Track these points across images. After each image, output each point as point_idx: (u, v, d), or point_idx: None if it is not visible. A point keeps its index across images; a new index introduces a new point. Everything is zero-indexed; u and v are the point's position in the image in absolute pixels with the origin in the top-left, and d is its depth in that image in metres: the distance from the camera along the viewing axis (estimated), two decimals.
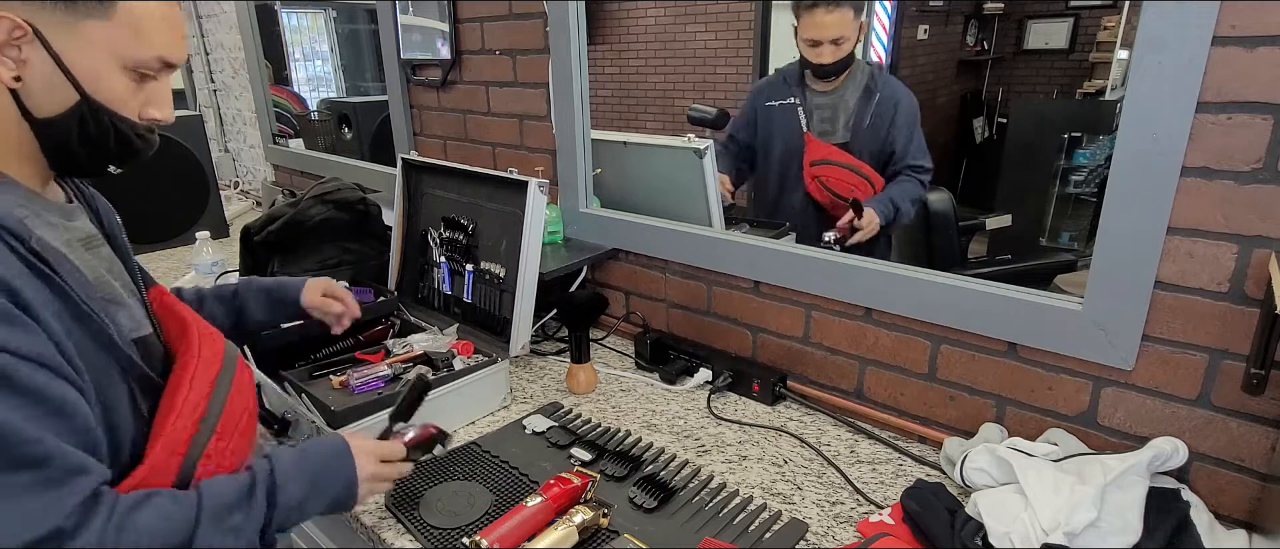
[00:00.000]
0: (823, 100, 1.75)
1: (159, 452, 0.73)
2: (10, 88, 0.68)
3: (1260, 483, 0.94)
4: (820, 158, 1.74)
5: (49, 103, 0.70)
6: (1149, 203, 0.91)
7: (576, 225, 1.68)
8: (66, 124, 0.72)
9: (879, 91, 1.70)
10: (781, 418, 1.29)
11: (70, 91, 0.70)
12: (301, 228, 1.60)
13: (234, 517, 0.72)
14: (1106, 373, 1.03)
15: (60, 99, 0.70)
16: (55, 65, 0.69)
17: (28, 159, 0.73)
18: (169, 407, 0.76)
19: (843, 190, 1.73)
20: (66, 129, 0.72)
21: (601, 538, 0.96)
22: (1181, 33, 0.85)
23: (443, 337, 1.43)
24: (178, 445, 0.74)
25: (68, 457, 0.63)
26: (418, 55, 2.00)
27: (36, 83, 0.69)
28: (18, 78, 0.68)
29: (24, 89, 0.69)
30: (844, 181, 1.73)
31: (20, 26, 0.66)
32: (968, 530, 0.91)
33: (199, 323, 0.85)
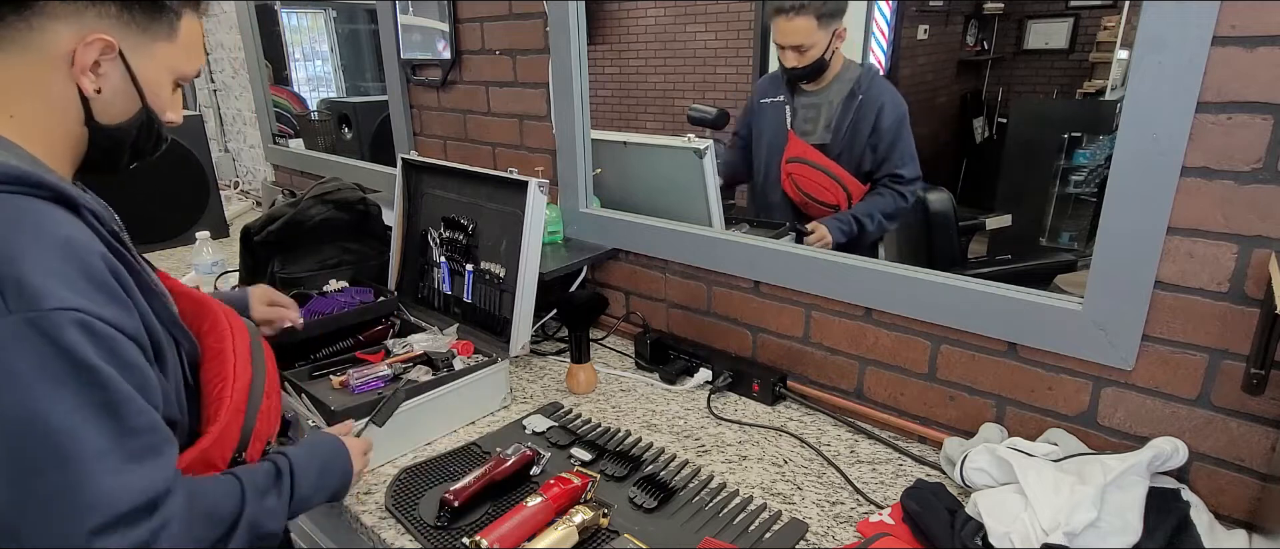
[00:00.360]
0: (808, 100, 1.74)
1: (227, 412, 0.81)
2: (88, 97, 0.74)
3: (1260, 483, 0.94)
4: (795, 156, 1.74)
5: (116, 112, 0.77)
6: (1149, 203, 0.91)
7: (576, 225, 1.68)
8: (128, 130, 0.79)
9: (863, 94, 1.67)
10: (781, 418, 1.29)
11: (135, 102, 0.78)
12: (301, 228, 1.60)
13: (268, 498, 0.79)
14: (1106, 373, 1.03)
15: (126, 108, 0.78)
16: (129, 80, 0.76)
17: (71, 158, 0.78)
18: (220, 373, 0.83)
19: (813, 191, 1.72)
20: (127, 135, 0.79)
21: (601, 538, 0.96)
22: (1181, 33, 0.85)
23: (443, 337, 1.43)
24: (240, 405, 0.83)
25: (163, 427, 0.69)
26: (418, 55, 2.00)
27: (110, 94, 0.75)
28: (98, 90, 0.74)
29: (98, 100, 0.75)
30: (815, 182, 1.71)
31: (112, 45, 0.73)
32: (968, 530, 0.91)
33: (212, 299, 0.91)
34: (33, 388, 0.60)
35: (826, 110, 1.72)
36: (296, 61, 3.27)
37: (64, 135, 0.75)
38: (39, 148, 0.73)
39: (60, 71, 0.72)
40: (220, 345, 0.85)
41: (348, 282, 1.62)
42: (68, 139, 0.76)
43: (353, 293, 1.56)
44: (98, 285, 0.65)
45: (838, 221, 1.67)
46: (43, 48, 0.71)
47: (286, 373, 1.26)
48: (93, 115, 0.75)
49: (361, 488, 1.10)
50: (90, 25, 0.72)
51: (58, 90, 0.73)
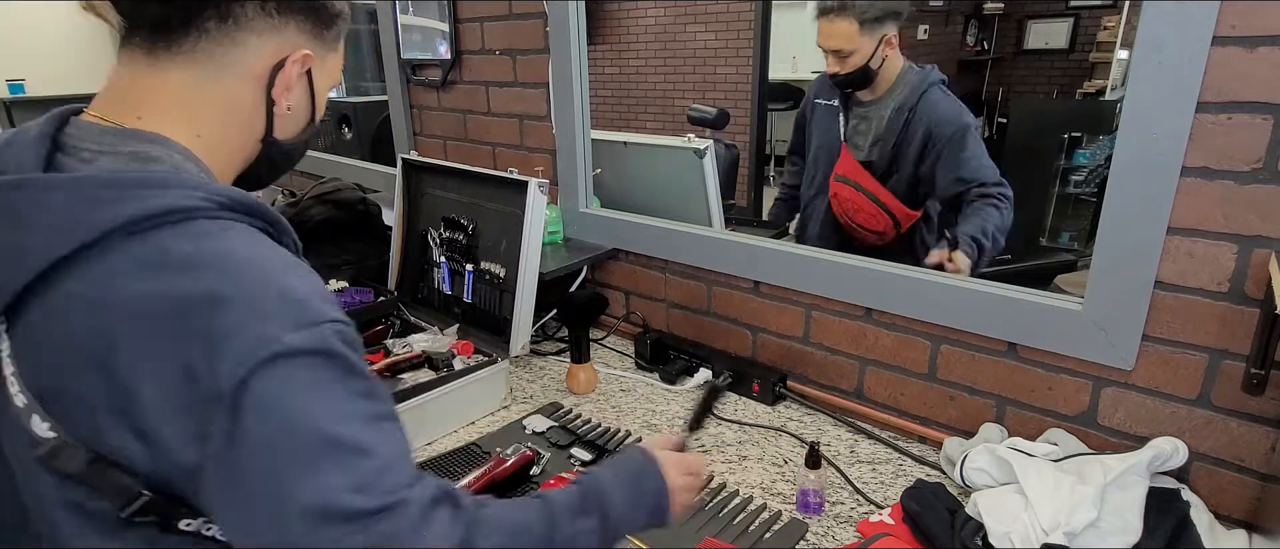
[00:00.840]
0: (861, 110, 1.60)
1: None
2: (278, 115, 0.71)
3: (1260, 483, 0.94)
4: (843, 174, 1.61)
5: (293, 127, 0.74)
6: (1149, 203, 0.91)
7: (576, 225, 1.68)
8: (299, 144, 0.76)
9: (911, 112, 1.51)
10: (781, 418, 1.29)
11: (309, 115, 0.75)
12: (301, 228, 1.60)
13: (579, 521, 0.70)
14: (1106, 373, 1.03)
15: (301, 122, 0.75)
16: (309, 94, 0.73)
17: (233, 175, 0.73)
18: None
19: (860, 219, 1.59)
20: (297, 148, 0.76)
21: None
22: (1181, 33, 0.85)
23: (443, 337, 1.43)
24: None
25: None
26: (418, 55, 2.00)
27: (293, 110, 0.72)
28: (289, 107, 0.71)
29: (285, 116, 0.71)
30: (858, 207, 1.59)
31: (310, 59, 0.70)
32: (968, 530, 0.91)
33: None
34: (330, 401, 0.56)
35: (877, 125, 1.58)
36: None
37: (239, 151, 0.71)
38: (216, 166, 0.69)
39: (254, 87, 0.68)
40: None
41: (348, 282, 1.62)
42: (241, 154, 0.72)
43: (353, 293, 1.56)
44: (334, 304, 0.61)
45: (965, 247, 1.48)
46: (242, 63, 0.66)
47: None
48: (273, 131, 0.72)
49: None
50: (290, 40, 0.68)
51: (248, 106, 0.69)
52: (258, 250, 0.60)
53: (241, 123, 0.69)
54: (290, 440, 0.54)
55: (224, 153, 0.69)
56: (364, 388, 0.59)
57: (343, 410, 0.56)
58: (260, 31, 0.66)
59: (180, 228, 0.58)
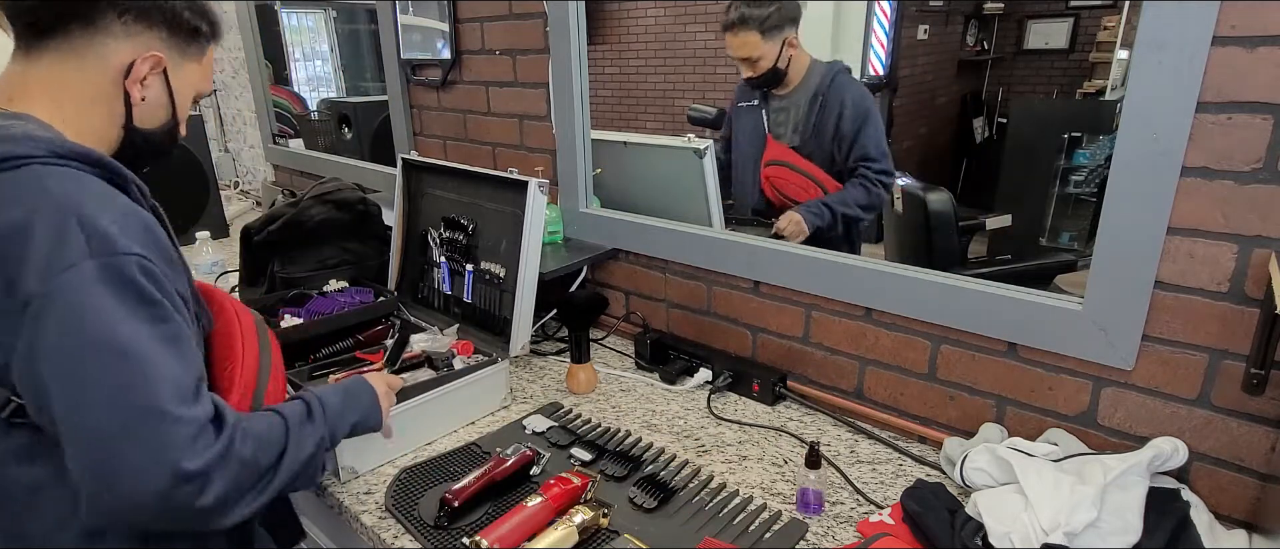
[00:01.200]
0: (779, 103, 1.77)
1: (238, 389, 0.90)
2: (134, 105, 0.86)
3: (1260, 483, 0.94)
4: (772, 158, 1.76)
5: (152, 119, 0.89)
6: (1149, 203, 0.91)
7: (576, 225, 1.68)
8: (158, 136, 0.91)
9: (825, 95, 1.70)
10: (781, 418, 1.29)
11: (168, 112, 0.90)
12: (301, 228, 1.60)
13: (306, 427, 0.86)
14: (1106, 373, 1.03)
15: (160, 116, 0.90)
16: (167, 93, 0.89)
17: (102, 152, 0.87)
18: (229, 353, 0.93)
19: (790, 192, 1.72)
20: (157, 139, 0.91)
21: (601, 538, 0.96)
22: (1181, 33, 0.85)
23: (443, 337, 1.43)
24: (249, 383, 0.91)
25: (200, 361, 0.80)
26: (418, 55, 2.00)
27: (151, 103, 0.87)
28: (143, 98, 0.86)
29: (141, 107, 0.87)
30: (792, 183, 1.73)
31: (161, 62, 0.85)
32: (968, 530, 0.91)
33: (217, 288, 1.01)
34: (116, 317, 0.69)
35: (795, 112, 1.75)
36: (296, 61, 3.27)
37: (104, 135, 0.86)
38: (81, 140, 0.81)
39: (113, 80, 0.83)
40: (228, 328, 0.94)
41: (348, 282, 1.62)
42: (105, 138, 0.86)
43: (353, 293, 1.56)
44: (154, 244, 0.76)
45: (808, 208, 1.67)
46: (103, 58, 0.82)
47: (287, 372, 1.26)
48: (133, 120, 0.87)
49: (361, 488, 1.10)
50: (145, 44, 0.84)
51: (108, 95, 0.84)
52: (75, 188, 0.73)
53: (103, 109, 0.84)
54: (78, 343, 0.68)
55: (88, 132, 0.83)
56: (155, 312, 0.72)
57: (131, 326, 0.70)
58: (117, 36, 0.82)
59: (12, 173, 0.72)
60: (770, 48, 1.66)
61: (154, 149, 0.91)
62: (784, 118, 1.76)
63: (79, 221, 0.70)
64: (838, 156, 1.70)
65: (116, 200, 0.76)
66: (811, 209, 1.68)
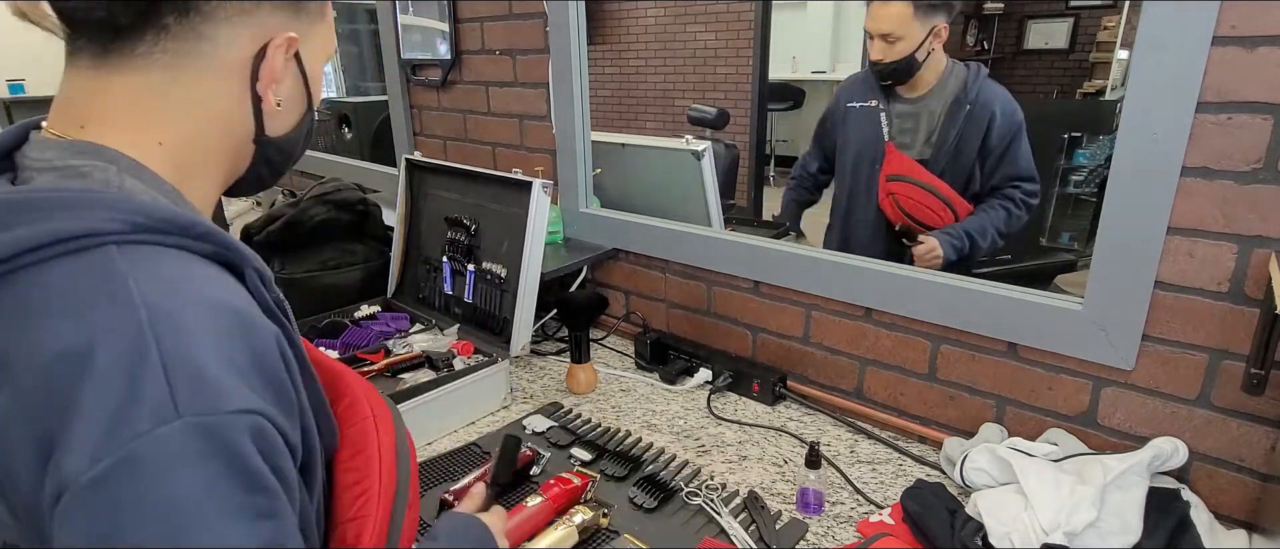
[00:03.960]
0: (906, 107, 1.54)
1: (371, 535, 0.62)
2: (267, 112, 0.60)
3: (1260, 483, 0.94)
4: (897, 173, 1.54)
5: (288, 120, 0.63)
6: (1149, 203, 0.91)
7: (576, 225, 1.68)
8: (297, 138, 0.65)
9: (970, 102, 1.47)
10: (781, 418, 1.29)
11: (304, 103, 0.64)
12: (301, 228, 1.60)
13: None
14: (1106, 373, 1.03)
15: (295, 113, 0.63)
16: (301, 78, 0.62)
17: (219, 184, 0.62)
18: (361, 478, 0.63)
19: (917, 213, 1.53)
20: (295, 143, 0.65)
21: (601, 538, 0.96)
22: (1181, 33, 0.85)
23: (443, 337, 1.43)
24: (383, 524, 0.63)
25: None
26: (418, 55, 2.00)
27: (286, 101, 0.62)
28: (278, 102, 0.60)
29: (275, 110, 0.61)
30: (920, 204, 1.52)
31: (294, 41, 0.59)
32: (968, 530, 0.91)
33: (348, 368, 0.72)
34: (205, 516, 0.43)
35: (928, 120, 1.53)
36: None
37: (224, 157, 0.61)
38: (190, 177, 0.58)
39: (232, 82, 0.58)
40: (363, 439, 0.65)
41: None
42: (228, 161, 0.61)
43: (388, 320, 1.53)
44: (269, 378, 0.49)
45: (949, 236, 1.48)
46: (211, 55, 0.56)
47: None
48: (265, 130, 0.61)
49: None
50: (263, 22, 0.57)
51: (228, 104, 0.58)
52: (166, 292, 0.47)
53: (222, 124, 0.59)
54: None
55: (201, 159, 0.58)
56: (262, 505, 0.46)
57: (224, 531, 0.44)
58: (229, 19, 0.55)
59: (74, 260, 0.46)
60: (917, 30, 1.44)
61: (288, 160, 0.66)
62: (912, 125, 1.55)
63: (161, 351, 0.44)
64: (980, 173, 1.50)
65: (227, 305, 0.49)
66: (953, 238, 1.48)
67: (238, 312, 0.49)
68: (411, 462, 0.68)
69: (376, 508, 0.62)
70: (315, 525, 0.57)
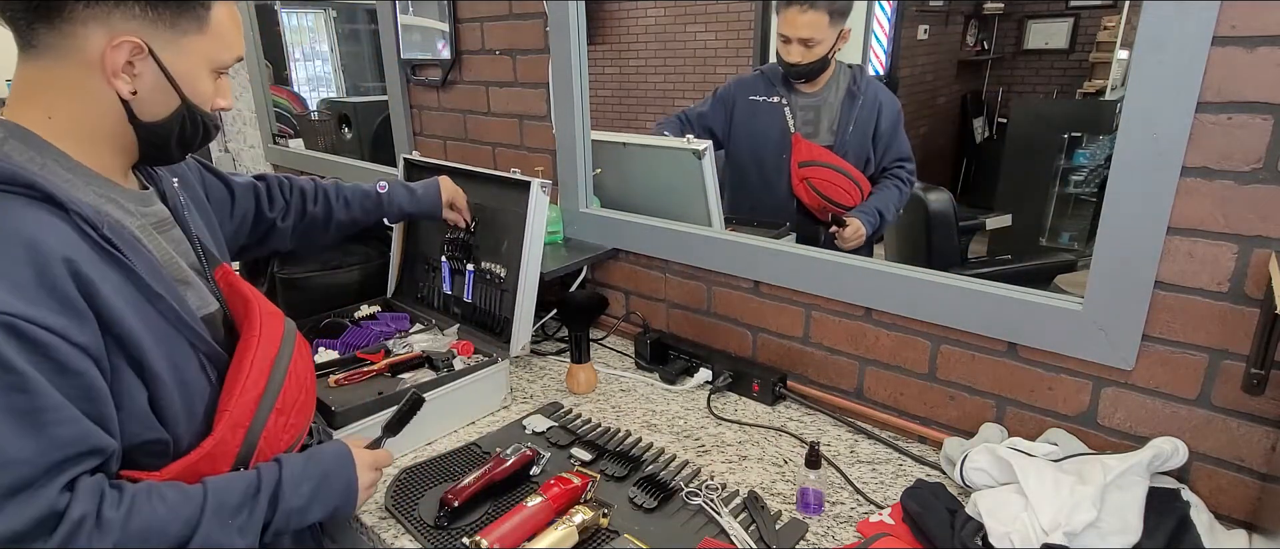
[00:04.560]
0: (806, 101, 1.74)
1: (224, 426, 0.79)
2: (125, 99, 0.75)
3: (1260, 483, 0.94)
4: (809, 159, 1.73)
5: (155, 109, 0.78)
6: (1149, 203, 0.91)
7: (576, 225, 1.68)
8: (170, 126, 0.80)
9: (862, 94, 1.70)
10: (781, 418, 1.29)
11: (174, 98, 0.79)
12: None
13: (239, 516, 0.76)
14: (1106, 373, 1.03)
15: (165, 105, 0.79)
16: (164, 77, 0.77)
17: (119, 153, 0.80)
18: (232, 382, 0.82)
19: (831, 193, 1.72)
20: (169, 130, 0.80)
21: (601, 538, 0.96)
22: (1181, 33, 0.85)
23: (443, 337, 1.43)
24: (242, 419, 0.80)
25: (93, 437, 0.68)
26: (418, 55, 2.00)
27: (146, 93, 0.77)
28: (134, 91, 0.75)
29: (135, 99, 0.76)
30: (832, 184, 1.72)
31: (139, 46, 0.73)
32: (968, 530, 0.91)
33: (260, 301, 0.89)
34: None
35: (827, 111, 1.72)
36: (296, 61, 3.28)
37: (108, 133, 0.77)
38: (80, 145, 0.75)
39: (95, 74, 0.73)
40: (241, 355, 0.83)
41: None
42: (114, 137, 0.78)
43: (388, 320, 1.53)
44: (49, 290, 0.66)
45: (865, 214, 1.68)
46: (78, 51, 0.72)
47: None
48: (134, 114, 0.77)
49: None
50: (117, 27, 0.72)
51: (94, 91, 0.74)
52: None
53: (92, 107, 0.75)
54: None
55: (87, 133, 0.76)
56: (8, 381, 0.62)
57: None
58: (85, 21, 0.71)
59: None
60: (831, 34, 1.62)
61: (178, 139, 0.82)
62: (814, 116, 1.73)
63: None
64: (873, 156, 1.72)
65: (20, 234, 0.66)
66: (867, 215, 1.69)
67: (27, 239, 0.66)
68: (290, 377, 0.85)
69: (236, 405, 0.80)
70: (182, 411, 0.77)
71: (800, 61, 1.65)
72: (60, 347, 0.65)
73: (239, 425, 0.80)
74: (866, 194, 1.74)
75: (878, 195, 1.73)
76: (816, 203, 1.74)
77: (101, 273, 0.70)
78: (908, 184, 1.75)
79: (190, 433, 0.79)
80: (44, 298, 0.65)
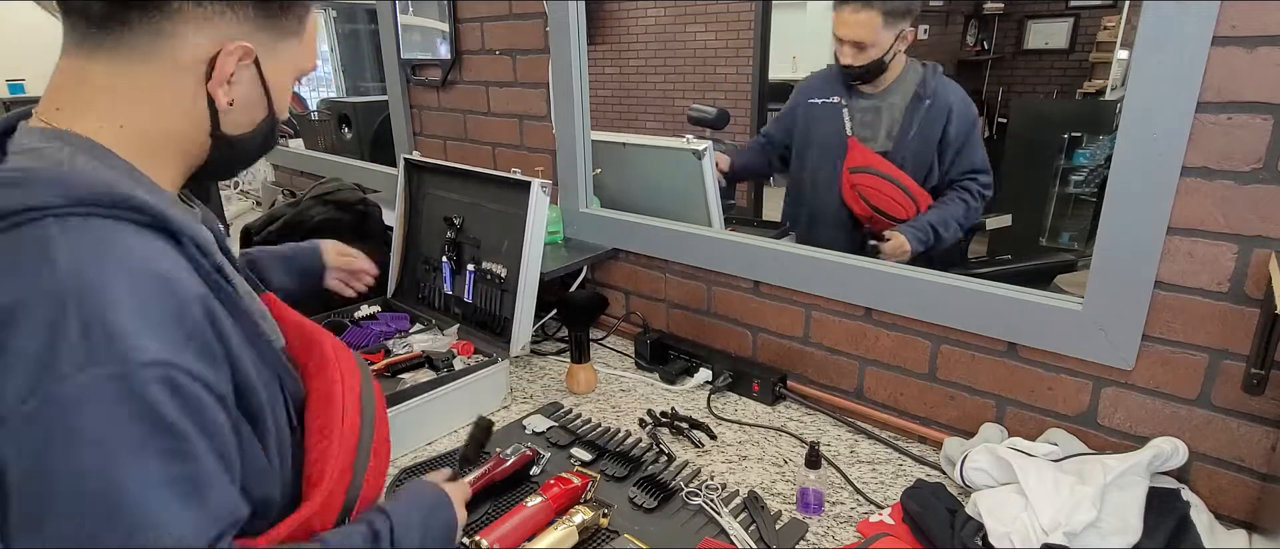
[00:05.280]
0: (867, 103, 1.61)
1: (332, 476, 0.70)
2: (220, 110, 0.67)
3: (1260, 483, 0.94)
4: (860, 165, 1.60)
5: (244, 120, 0.70)
6: (1149, 203, 0.91)
7: (576, 225, 1.68)
8: (253, 139, 0.72)
9: (929, 98, 1.54)
10: (781, 418, 1.29)
11: (263, 108, 0.71)
12: (301, 228, 1.60)
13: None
14: (1106, 373, 1.03)
15: (253, 116, 0.71)
16: (261, 86, 0.70)
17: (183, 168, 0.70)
18: (326, 426, 0.72)
19: (881, 203, 1.59)
20: (252, 143, 0.73)
21: (601, 538, 0.96)
22: (1181, 33, 0.85)
23: (443, 337, 1.43)
24: (346, 465, 0.72)
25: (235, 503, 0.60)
26: (418, 55, 2.00)
27: (241, 103, 0.68)
28: (231, 102, 0.67)
29: (230, 111, 0.68)
30: (884, 194, 1.58)
31: (250, 52, 0.66)
32: (968, 530, 0.91)
33: (326, 332, 0.80)
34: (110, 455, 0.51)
35: (888, 115, 1.59)
36: None
37: (181, 145, 0.68)
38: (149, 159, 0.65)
39: (190, 80, 0.65)
40: (328, 390, 0.74)
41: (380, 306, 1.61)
42: (186, 149, 0.68)
43: (388, 319, 1.53)
44: (191, 334, 0.57)
45: (915, 228, 1.54)
46: (170, 53, 0.63)
47: None
48: (220, 126, 0.68)
49: None
50: (226, 31, 0.65)
51: (184, 100, 0.65)
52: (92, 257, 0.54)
53: (178, 115, 0.66)
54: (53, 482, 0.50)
55: (161, 144, 0.66)
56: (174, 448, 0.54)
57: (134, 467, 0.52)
58: (191, 20, 0.63)
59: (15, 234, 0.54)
60: (886, 36, 1.51)
61: (241, 158, 0.74)
62: (873, 119, 1.61)
63: (80, 310, 0.52)
64: (939, 166, 1.57)
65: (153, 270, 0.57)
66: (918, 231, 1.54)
67: (161, 275, 0.57)
68: (377, 417, 0.77)
69: (339, 450, 0.71)
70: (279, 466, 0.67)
71: (852, 63, 1.53)
72: (210, 402, 0.57)
73: (345, 473, 0.71)
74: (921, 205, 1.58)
75: (936, 209, 1.56)
76: (866, 212, 1.61)
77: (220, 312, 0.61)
78: (978, 198, 1.57)
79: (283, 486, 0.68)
80: (186, 342, 0.56)
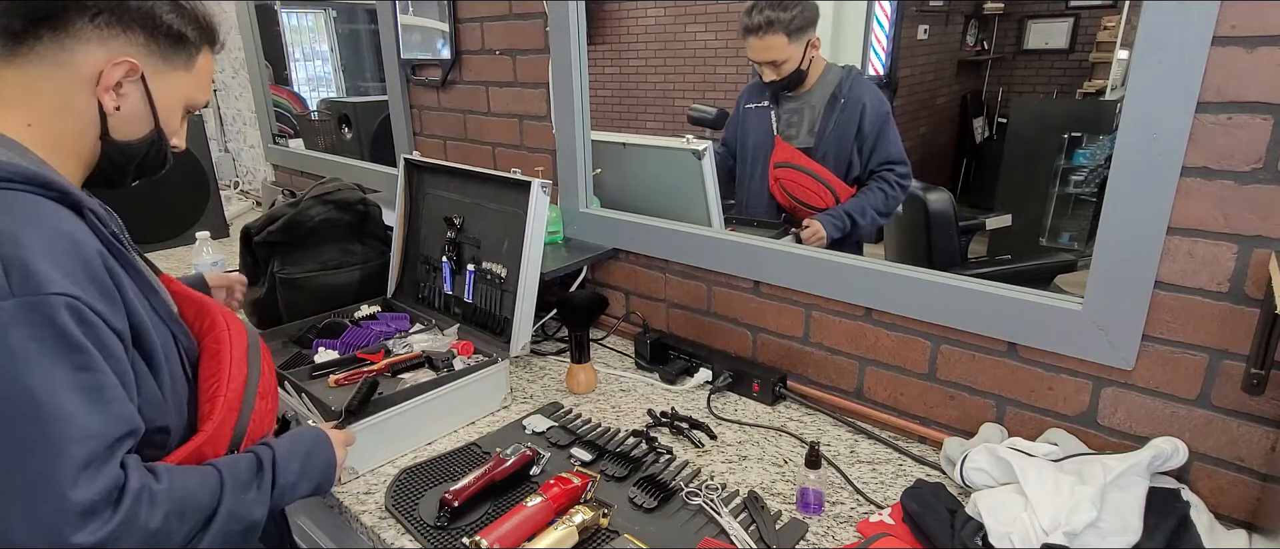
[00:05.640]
0: (791, 105, 1.77)
1: (221, 411, 0.84)
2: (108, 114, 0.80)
3: (1260, 483, 0.94)
4: (783, 160, 1.76)
5: (130, 130, 0.83)
6: (1149, 203, 0.91)
7: (576, 225, 1.68)
8: (138, 149, 0.85)
9: (844, 96, 1.70)
10: (781, 418, 1.29)
11: (148, 123, 0.85)
12: (301, 228, 1.60)
13: (250, 491, 0.81)
14: (1106, 373, 1.03)
15: (139, 128, 0.84)
16: (147, 103, 0.83)
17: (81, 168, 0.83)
18: (216, 371, 0.87)
19: (801, 195, 1.73)
20: (136, 152, 0.85)
21: (601, 538, 0.96)
22: (1181, 33, 0.85)
23: (443, 337, 1.43)
24: (234, 404, 0.86)
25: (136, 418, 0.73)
26: (418, 55, 2.00)
27: (127, 113, 0.82)
28: (117, 107, 0.81)
29: (116, 117, 0.81)
30: (803, 186, 1.73)
31: (136, 68, 0.80)
32: (968, 530, 0.91)
33: (215, 302, 0.95)
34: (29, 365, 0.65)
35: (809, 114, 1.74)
36: (296, 61, 3.27)
37: (77, 146, 0.81)
38: (51, 154, 0.78)
39: (84, 88, 0.78)
40: (217, 346, 0.89)
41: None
42: (80, 150, 0.81)
43: (388, 320, 1.53)
44: (92, 279, 0.70)
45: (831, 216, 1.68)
46: (71, 65, 0.77)
47: (286, 372, 1.26)
48: (109, 131, 0.81)
49: (361, 488, 1.10)
50: (118, 49, 0.79)
51: (79, 105, 0.79)
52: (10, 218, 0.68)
53: (72, 118, 0.79)
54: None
55: (58, 143, 0.79)
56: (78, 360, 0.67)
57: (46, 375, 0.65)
58: (88, 40, 0.77)
59: None
60: (795, 50, 1.66)
61: (138, 164, 0.87)
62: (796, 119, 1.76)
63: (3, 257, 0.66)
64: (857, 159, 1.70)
65: (60, 229, 0.70)
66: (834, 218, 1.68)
67: (67, 233, 0.70)
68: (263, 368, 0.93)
69: (227, 391, 0.86)
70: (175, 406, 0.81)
71: (775, 78, 1.70)
72: (108, 334, 0.70)
73: (232, 410, 0.86)
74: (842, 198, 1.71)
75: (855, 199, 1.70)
76: (788, 203, 1.76)
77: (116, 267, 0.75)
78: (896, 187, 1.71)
79: (178, 424, 0.83)
80: (88, 284, 0.70)
